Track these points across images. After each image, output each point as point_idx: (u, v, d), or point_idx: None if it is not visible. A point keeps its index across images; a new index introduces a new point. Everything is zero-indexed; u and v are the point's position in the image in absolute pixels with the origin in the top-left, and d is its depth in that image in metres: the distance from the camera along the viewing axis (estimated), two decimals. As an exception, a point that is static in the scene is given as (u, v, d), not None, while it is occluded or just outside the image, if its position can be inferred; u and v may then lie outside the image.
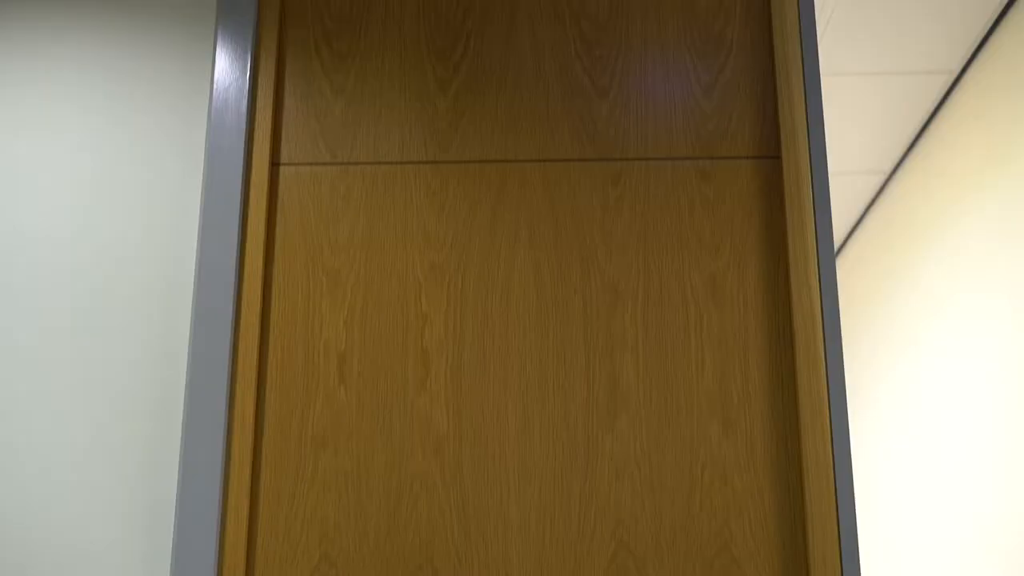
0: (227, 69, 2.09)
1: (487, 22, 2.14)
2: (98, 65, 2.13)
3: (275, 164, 2.07)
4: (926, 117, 3.63)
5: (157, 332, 1.99)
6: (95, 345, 1.98)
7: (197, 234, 2.03)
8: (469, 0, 2.15)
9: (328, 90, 2.11)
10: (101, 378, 1.97)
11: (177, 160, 2.07)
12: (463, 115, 2.09)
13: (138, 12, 2.16)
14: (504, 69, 2.11)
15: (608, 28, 2.12)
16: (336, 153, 2.07)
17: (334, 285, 2.01)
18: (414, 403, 1.95)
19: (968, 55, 3.22)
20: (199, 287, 1.97)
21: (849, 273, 4.78)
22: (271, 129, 2.07)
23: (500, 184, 2.05)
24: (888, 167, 4.03)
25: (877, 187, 4.22)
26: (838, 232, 4.71)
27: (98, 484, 1.93)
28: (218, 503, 1.88)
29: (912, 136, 3.78)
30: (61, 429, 1.95)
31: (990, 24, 3.05)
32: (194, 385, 1.93)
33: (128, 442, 1.94)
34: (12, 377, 1.97)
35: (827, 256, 1.97)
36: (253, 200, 2.03)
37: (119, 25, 2.15)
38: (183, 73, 2.12)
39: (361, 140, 2.08)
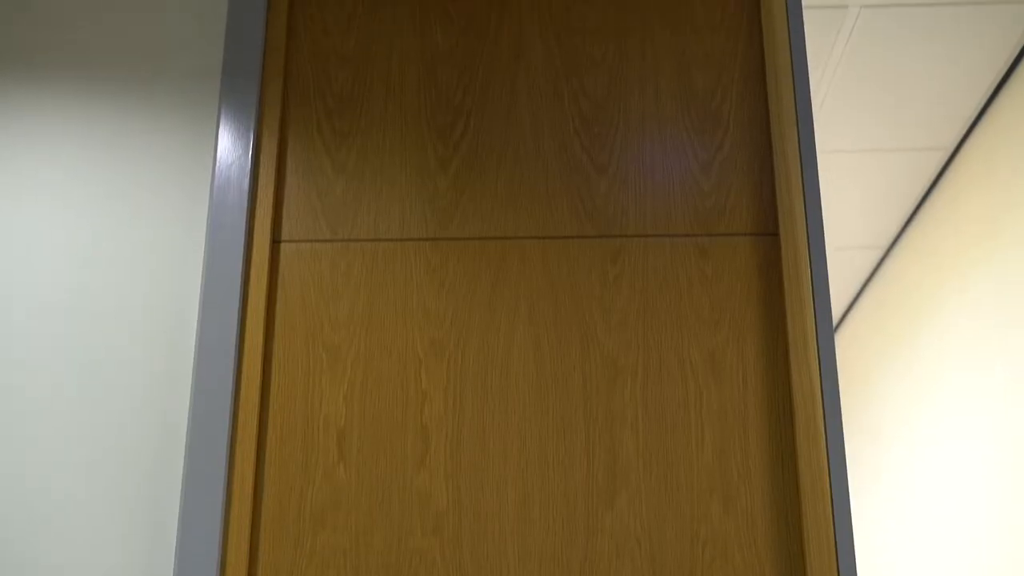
0: (229, 146, 2.11)
1: (487, 100, 2.16)
2: (102, 139, 2.15)
3: (276, 241, 2.08)
4: (922, 193, 3.66)
5: (157, 407, 1.98)
6: (94, 419, 1.98)
7: (198, 309, 2.03)
8: (469, 78, 2.18)
9: (329, 167, 2.13)
10: (100, 451, 1.96)
11: (178, 235, 2.09)
12: (463, 192, 2.10)
13: (142, 89, 2.19)
14: (504, 146, 2.13)
15: (606, 106, 2.15)
16: (337, 230, 2.08)
17: (334, 361, 2.01)
18: (413, 480, 1.94)
19: (963, 132, 3.25)
20: (199, 362, 1.98)
21: (848, 347, 4.78)
22: (272, 206, 2.08)
23: (500, 261, 2.06)
24: (885, 242, 4.05)
25: (875, 262, 4.24)
26: (836, 307, 4.72)
27: (96, 560, 1.91)
28: (215, 581, 1.87)
29: (909, 212, 3.80)
30: (58, 501, 1.93)
31: (984, 102, 3.09)
32: (193, 460, 1.92)
33: (126, 517, 1.93)
34: (5, 451, 1.96)
35: (826, 332, 1.97)
36: (254, 276, 2.04)
37: (124, 101, 2.18)
38: (186, 149, 2.14)
39: (362, 217, 2.09)
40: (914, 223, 3.83)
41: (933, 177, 3.54)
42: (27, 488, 1.95)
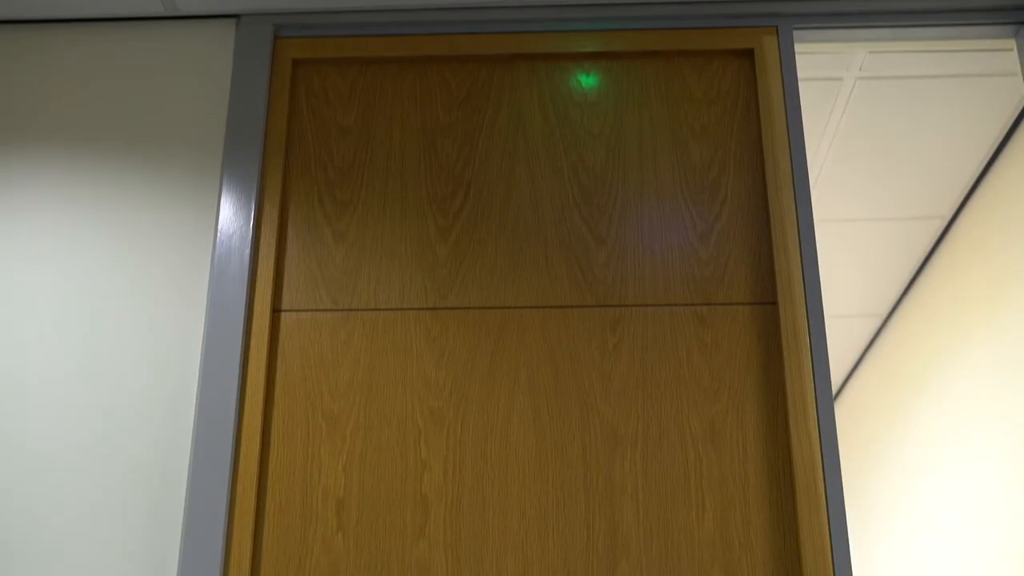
0: (231, 216, 2.12)
1: (487, 171, 2.18)
2: (104, 207, 2.16)
3: (276, 310, 2.09)
4: (920, 261, 3.67)
5: (156, 476, 1.98)
6: (92, 489, 1.97)
7: (197, 378, 2.03)
8: (469, 150, 2.20)
9: (330, 237, 2.14)
10: (101, 518, 1.95)
11: (179, 304, 2.09)
12: (463, 262, 2.11)
13: (145, 159, 2.20)
14: (503, 217, 2.15)
15: (605, 177, 2.17)
16: (337, 299, 2.09)
17: (333, 430, 2.01)
18: (412, 550, 1.93)
19: (960, 201, 3.27)
20: (198, 431, 1.97)
21: (848, 416, 4.77)
22: (273, 276, 2.09)
23: (499, 330, 2.06)
24: (884, 310, 4.06)
25: (874, 330, 4.24)
26: (836, 375, 4.71)
27: (91, 634, 1.89)
28: (212, 654, 1.85)
29: (907, 280, 3.81)
30: (61, 569, 1.92)
31: (980, 171, 3.11)
32: (192, 529, 1.91)
33: (122, 591, 1.92)
34: (6, 528, 1.95)
35: (825, 400, 1.97)
36: (254, 346, 2.05)
37: (127, 170, 2.19)
38: (187, 218, 2.15)
39: (362, 287, 2.10)
40: (913, 291, 3.84)
41: (931, 245, 3.56)
42: (31, 551, 1.93)
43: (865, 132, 2.91)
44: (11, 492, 1.97)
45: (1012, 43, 2.31)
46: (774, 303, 2.07)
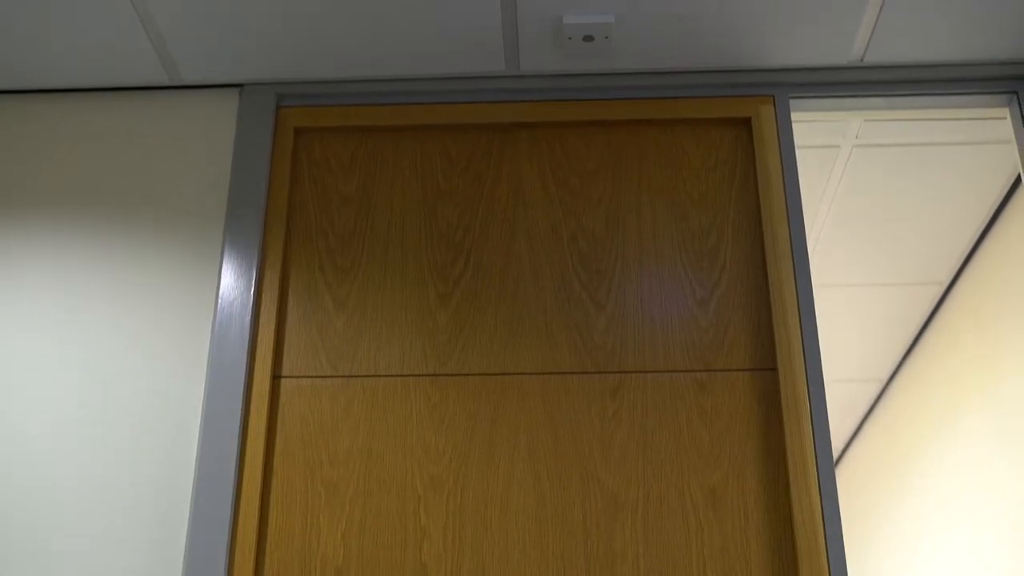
0: (232, 283, 2.13)
1: (487, 238, 2.20)
2: (106, 274, 2.17)
3: (276, 377, 2.09)
4: (920, 326, 3.67)
5: (154, 542, 1.96)
6: (91, 554, 1.95)
7: (197, 444, 2.03)
8: (469, 217, 2.22)
9: (331, 304, 2.15)
10: (94, 594, 1.94)
11: (179, 370, 2.09)
12: (463, 329, 2.12)
13: (148, 226, 2.21)
14: (503, 284, 2.16)
15: (604, 244, 2.18)
16: (337, 366, 2.09)
17: (332, 497, 2.00)
18: (412, 619, 1.92)
19: (957, 267, 3.28)
20: (197, 497, 1.96)
21: (850, 481, 4.74)
22: (273, 343, 2.10)
23: (499, 396, 2.06)
24: (884, 375, 4.06)
25: (874, 395, 4.24)
26: (837, 440, 4.70)
27: None
28: None
29: (907, 345, 3.81)
30: (51, 647, 1.90)
31: (977, 237, 3.13)
32: (189, 601, 1.90)
33: (119, 661, 1.90)
34: (4, 593, 1.94)
35: (826, 466, 1.97)
36: (253, 412, 2.04)
37: (130, 238, 2.21)
38: (189, 285, 2.16)
39: (362, 353, 2.11)
40: (912, 356, 3.84)
41: (930, 311, 3.56)
42: (20, 628, 1.92)
43: (863, 198, 2.93)
44: (9, 562, 1.96)
45: (1006, 112, 2.34)
46: (774, 369, 2.07)
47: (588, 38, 2.19)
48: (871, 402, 4.31)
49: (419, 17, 2.16)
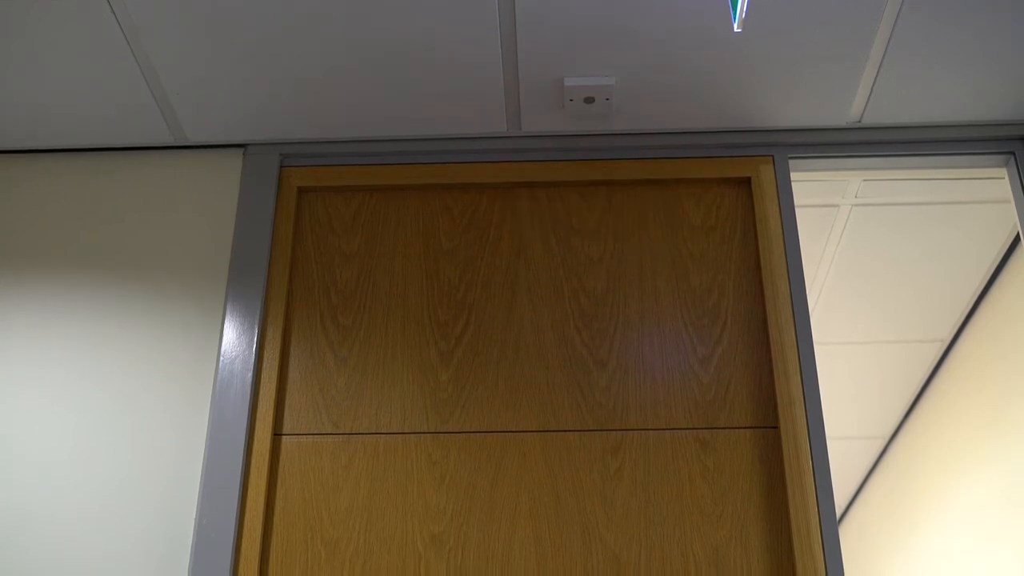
0: (234, 340, 2.14)
1: (488, 297, 2.21)
2: (106, 333, 2.17)
3: (277, 434, 2.09)
4: (921, 384, 3.67)
5: (153, 605, 1.96)
6: (89, 619, 1.95)
7: (197, 501, 2.02)
8: (471, 275, 2.23)
9: (332, 362, 2.15)
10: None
11: (180, 427, 2.09)
12: (464, 386, 2.12)
13: (151, 284, 2.22)
14: (505, 342, 2.16)
15: (606, 302, 2.19)
16: (338, 423, 2.10)
17: (333, 556, 1.99)
18: None
19: (958, 324, 3.29)
20: (196, 556, 1.96)
21: (854, 539, 4.72)
22: (274, 400, 2.10)
23: (501, 454, 2.06)
24: (887, 432, 4.05)
25: (877, 452, 4.23)
26: (840, 498, 4.68)
27: None
28: None
29: (909, 402, 3.81)
30: None
31: (977, 295, 3.14)
32: (188, 661, 1.88)
33: None
34: (2, 652, 1.93)
35: (829, 524, 1.96)
36: (254, 469, 2.04)
37: (133, 295, 2.21)
38: (191, 343, 2.16)
39: (363, 411, 2.11)
40: (914, 413, 3.83)
41: (931, 368, 3.56)
42: None
43: (863, 256, 2.94)
44: (7, 619, 1.95)
45: (1003, 172, 2.36)
46: (775, 427, 2.07)
47: (589, 99, 2.22)
48: (874, 459, 4.29)
49: (422, 79, 2.19)
